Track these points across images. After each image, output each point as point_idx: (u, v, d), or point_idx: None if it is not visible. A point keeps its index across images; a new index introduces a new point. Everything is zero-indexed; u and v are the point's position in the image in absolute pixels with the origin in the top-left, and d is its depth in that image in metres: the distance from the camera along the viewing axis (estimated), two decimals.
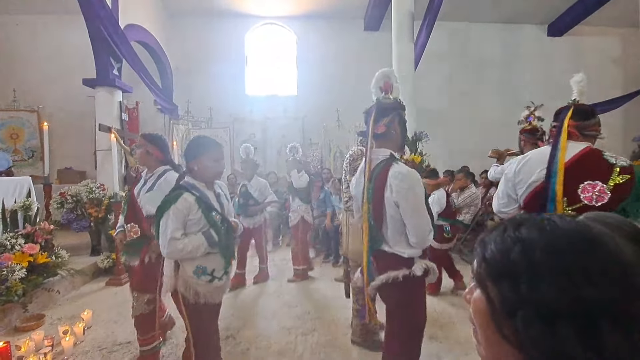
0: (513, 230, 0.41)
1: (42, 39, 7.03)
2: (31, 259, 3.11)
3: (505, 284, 0.38)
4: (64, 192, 4.33)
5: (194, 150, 1.73)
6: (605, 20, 7.52)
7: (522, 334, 0.37)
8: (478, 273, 0.43)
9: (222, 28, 7.56)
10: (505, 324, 0.39)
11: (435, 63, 7.35)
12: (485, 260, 0.42)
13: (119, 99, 5.53)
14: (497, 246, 0.41)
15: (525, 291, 0.37)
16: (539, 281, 0.36)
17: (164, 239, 1.61)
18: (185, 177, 1.74)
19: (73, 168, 6.73)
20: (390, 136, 1.55)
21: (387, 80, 1.59)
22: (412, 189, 1.42)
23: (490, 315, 0.40)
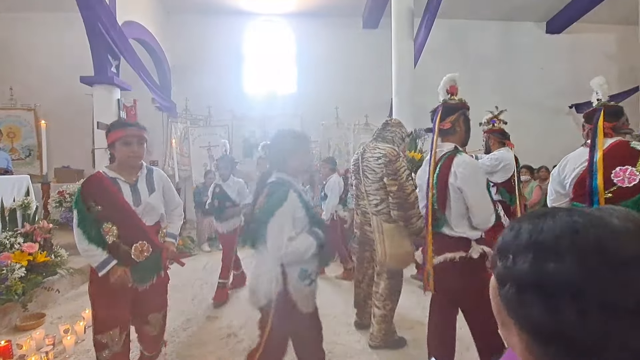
0: (519, 220, 0.47)
1: (39, 37, 6.96)
2: (30, 258, 3.09)
3: (501, 262, 0.45)
4: (62, 190, 4.31)
5: (291, 144, 1.60)
6: (603, 17, 7.54)
7: (506, 303, 0.43)
8: (492, 259, 0.48)
9: (220, 25, 7.51)
10: (502, 295, 0.44)
11: (434, 60, 7.34)
12: (494, 247, 0.48)
13: (117, 96, 5.49)
14: (503, 234, 0.47)
15: (509, 266, 0.43)
16: (519, 257, 0.42)
17: (281, 240, 1.43)
18: (276, 173, 1.59)
19: (71, 167, 6.68)
20: (454, 132, 1.74)
21: (453, 84, 1.81)
22: (475, 175, 1.61)
23: (496, 289, 0.46)
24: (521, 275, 0.41)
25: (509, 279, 0.43)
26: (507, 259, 0.43)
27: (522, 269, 0.41)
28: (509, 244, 0.44)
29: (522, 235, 0.43)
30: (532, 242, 0.42)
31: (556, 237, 0.40)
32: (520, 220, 0.46)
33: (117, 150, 1.73)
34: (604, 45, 8.01)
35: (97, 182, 1.73)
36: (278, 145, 1.64)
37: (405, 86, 5.32)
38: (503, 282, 0.44)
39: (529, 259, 0.41)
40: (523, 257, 0.41)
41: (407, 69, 5.35)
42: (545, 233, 0.41)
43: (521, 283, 0.41)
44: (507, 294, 0.43)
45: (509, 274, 0.43)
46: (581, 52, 7.98)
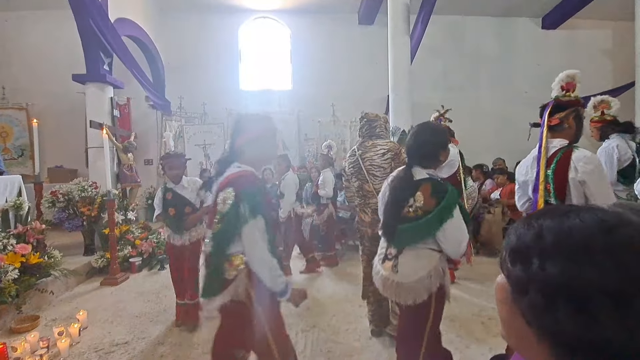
0: (535, 218, 0.43)
1: (30, 35, 6.84)
2: (23, 260, 3.04)
3: (519, 265, 0.41)
4: (55, 190, 4.24)
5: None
6: (598, 13, 7.56)
7: (529, 311, 0.40)
8: (503, 259, 0.45)
9: (214, 22, 7.43)
10: (520, 302, 0.41)
11: (430, 57, 7.33)
12: (507, 246, 0.44)
13: (110, 95, 5.42)
14: (517, 232, 0.44)
15: (533, 270, 0.39)
16: (546, 260, 0.38)
17: (464, 238, 1.46)
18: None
19: (64, 166, 6.59)
20: (562, 129, 1.74)
21: (571, 81, 1.75)
22: (597, 168, 1.62)
23: (509, 295, 0.43)
24: (551, 281, 0.37)
25: (533, 285, 0.39)
26: (531, 263, 0.39)
27: (551, 274, 0.37)
28: (530, 246, 0.41)
29: (547, 236, 0.39)
30: (562, 244, 0.38)
31: (588, 237, 0.37)
32: (536, 218, 0.42)
33: (260, 145, 1.50)
34: (599, 40, 8.03)
35: (259, 180, 1.49)
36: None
37: (402, 83, 5.29)
38: (523, 288, 0.40)
39: (559, 263, 0.37)
40: (552, 261, 0.38)
41: (404, 65, 5.32)
42: (575, 234, 0.38)
43: (550, 290, 0.37)
44: (530, 301, 0.39)
45: (534, 280, 0.39)
46: (577, 47, 8.00)
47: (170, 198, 2.70)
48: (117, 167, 5.57)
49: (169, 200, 2.70)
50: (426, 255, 1.51)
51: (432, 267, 1.50)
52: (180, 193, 2.72)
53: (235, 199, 1.32)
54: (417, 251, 1.52)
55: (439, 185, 1.50)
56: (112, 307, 3.14)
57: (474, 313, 2.88)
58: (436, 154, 1.57)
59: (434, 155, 1.57)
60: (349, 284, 3.67)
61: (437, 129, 1.67)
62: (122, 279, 3.84)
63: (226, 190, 1.35)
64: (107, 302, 3.29)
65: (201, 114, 7.12)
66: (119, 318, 2.92)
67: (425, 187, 1.50)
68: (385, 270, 1.57)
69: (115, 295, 3.47)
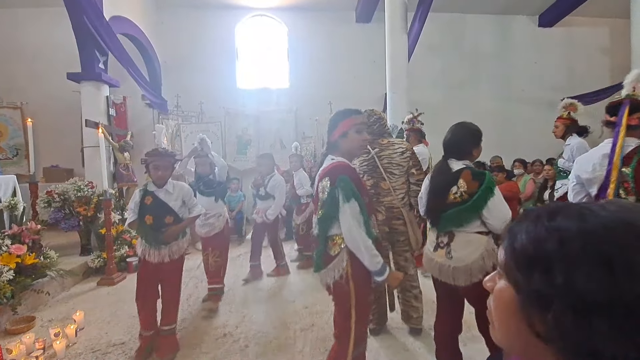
0: (547, 219, 0.38)
1: (24, 33, 6.76)
2: (19, 260, 3.01)
3: (537, 275, 0.36)
4: (51, 190, 4.20)
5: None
6: (595, 11, 7.58)
7: (553, 326, 0.35)
8: (506, 263, 0.41)
9: (211, 20, 7.38)
10: (535, 316, 0.37)
11: (428, 55, 7.32)
12: (515, 251, 0.39)
13: (106, 93, 5.37)
14: (528, 235, 0.39)
15: (560, 283, 0.34)
16: (575, 272, 0.34)
17: (508, 213, 1.64)
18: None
19: (59, 166, 6.54)
20: (637, 128, 1.79)
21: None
22: None
23: (518, 306, 0.39)
24: (584, 295, 0.33)
25: (560, 298, 0.35)
26: (553, 273, 0.35)
27: (585, 287, 0.33)
28: (550, 253, 0.36)
29: (570, 242, 0.35)
30: (592, 251, 0.34)
31: (620, 245, 0.33)
32: (549, 218, 0.38)
33: (351, 138, 1.62)
34: (596, 38, 8.05)
35: (352, 169, 1.62)
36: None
37: (400, 81, 5.28)
38: (546, 301, 0.36)
39: (595, 275, 0.33)
40: (584, 271, 0.33)
41: (401, 63, 5.31)
42: (603, 240, 0.34)
43: (586, 307, 0.33)
44: (556, 319, 0.35)
45: (562, 293, 0.34)
46: (574, 45, 8.02)
47: (150, 203, 2.28)
48: (114, 167, 5.53)
49: (148, 205, 2.28)
50: (476, 240, 1.67)
51: (483, 249, 1.65)
52: (162, 199, 2.30)
53: (330, 187, 1.51)
54: (467, 237, 1.68)
55: (477, 171, 1.70)
56: (109, 308, 3.12)
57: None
58: (470, 149, 1.76)
59: (468, 150, 1.76)
60: None
61: (471, 128, 1.80)
62: (119, 279, 3.82)
63: (324, 180, 1.55)
64: (104, 302, 3.27)
65: (198, 113, 7.08)
66: (116, 318, 2.90)
67: (466, 173, 1.69)
68: (439, 258, 1.73)
69: (112, 295, 3.45)
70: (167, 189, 2.34)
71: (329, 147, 1.69)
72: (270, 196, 3.80)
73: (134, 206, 2.32)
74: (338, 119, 1.67)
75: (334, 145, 1.66)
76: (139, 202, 2.31)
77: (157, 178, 2.32)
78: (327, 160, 1.63)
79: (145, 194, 2.32)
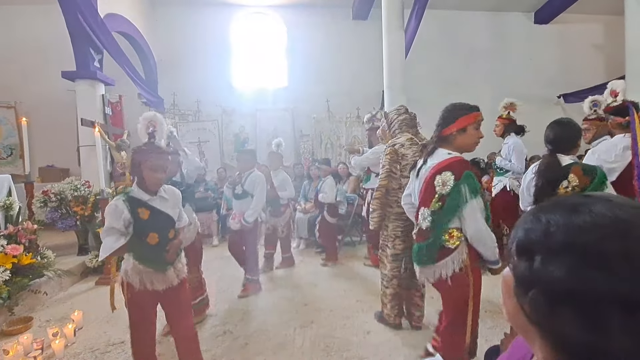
0: (545, 211, 0.41)
1: (17, 30, 6.67)
2: (15, 261, 2.98)
3: (523, 261, 0.39)
4: (47, 190, 4.17)
5: None
6: (590, 8, 7.61)
7: (531, 309, 0.38)
8: (508, 250, 0.44)
9: (207, 17, 7.33)
10: (522, 298, 0.40)
11: (425, 52, 7.32)
12: (514, 239, 0.43)
13: (101, 92, 5.33)
14: (524, 226, 0.42)
15: (537, 269, 0.37)
16: (551, 260, 0.36)
17: None
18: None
19: (55, 165, 6.48)
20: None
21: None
22: None
23: (513, 289, 0.42)
24: (555, 282, 0.35)
25: (536, 283, 0.37)
26: (534, 260, 0.37)
27: (556, 275, 0.35)
28: (536, 242, 0.38)
29: (555, 233, 0.37)
30: (570, 243, 0.35)
31: (600, 239, 0.34)
32: (545, 211, 0.40)
33: (469, 134, 1.68)
34: (591, 35, 8.10)
35: (470, 165, 1.70)
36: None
37: (397, 78, 5.28)
38: (527, 285, 0.38)
39: (566, 265, 0.34)
40: (558, 261, 0.35)
41: (398, 60, 5.31)
42: (585, 233, 0.35)
43: (554, 292, 0.35)
44: (532, 300, 0.37)
45: (537, 279, 0.37)
46: (569, 42, 8.06)
47: (148, 217, 1.73)
48: (110, 166, 5.50)
49: (146, 220, 1.72)
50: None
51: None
52: (160, 209, 1.79)
53: (455, 182, 1.54)
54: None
55: (588, 166, 1.76)
56: (107, 307, 3.08)
57: None
58: (574, 142, 1.84)
59: (573, 144, 1.84)
60: (346, 280, 3.68)
61: (574, 124, 1.87)
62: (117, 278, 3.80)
63: (445, 174, 1.57)
64: (102, 301, 3.25)
65: (195, 111, 7.05)
66: (115, 318, 2.88)
67: (576, 169, 1.72)
68: None
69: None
70: (161, 196, 1.82)
71: (441, 140, 1.71)
72: (248, 194, 3.30)
73: (121, 224, 1.68)
74: (458, 114, 1.68)
75: (446, 139, 1.69)
76: (130, 218, 1.70)
77: (156, 182, 1.77)
78: (442, 154, 1.65)
79: (137, 206, 1.72)
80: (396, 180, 2.47)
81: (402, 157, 2.46)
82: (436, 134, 1.73)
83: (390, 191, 2.48)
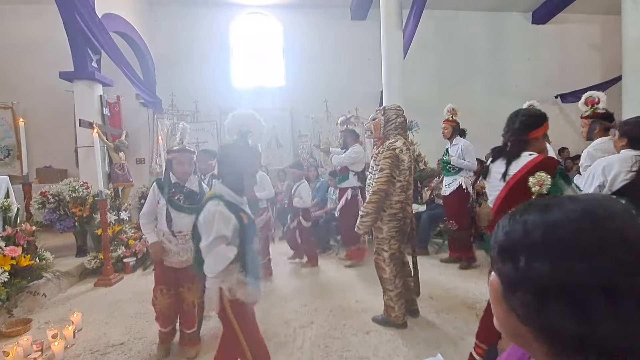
0: (520, 213, 0.43)
1: (14, 30, 6.63)
2: (14, 262, 2.97)
3: (508, 262, 0.41)
4: (45, 191, 4.16)
5: None
6: (587, 8, 7.65)
7: (521, 308, 0.39)
8: (492, 256, 0.45)
9: (205, 18, 7.31)
10: (512, 300, 0.41)
11: (423, 52, 7.33)
12: (495, 243, 0.44)
13: (99, 92, 5.30)
14: (503, 229, 0.43)
15: (522, 269, 0.38)
16: (534, 258, 0.38)
17: None
18: None
19: (53, 166, 6.46)
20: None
21: None
22: None
23: (501, 293, 0.43)
24: (541, 278, 0.37)
25: (523, 283, 0.39)
26: (518, 261, 0.39)
27: (541, 272, 0.37)
28: (517, 242, 0.40)
29: (533, 232, 0.39)
30: (550, 240, 0.37)
31: (576, 232, 0.36)
32: (522, 213, 0.42)
33: (542, 140, 1.84)
34: (587, 35, 8.13)
35: None
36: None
37: (395, 78, 5.30)
38: (514, 286, 0.40)
39: (548, 260, 0.36)
40: (541, 258, 0.37)
41: (397, 60, 5.32)
42: (560, 228, 0.37)
43: (541, 288, 0.37)
44: (522, 300, 0.39)
45: (524, 278, 0.38)
46: (566, 42, 8.09)
47: (247, 223, 1.72)
48: (109, 167, 5.48)
49: (247, 226, 1.69)
50: None
51: None
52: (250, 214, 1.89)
53: (552, 179, 1.61)
54: None
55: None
56: (106, 308, 3.10)
57: (468, 305, 2.92)
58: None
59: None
60: (346, 280, 3.68)
61: None
62: (116, 279, 3.79)
63: (538, 175, 1.61)
64: (101, 303, 3.25)
65: (193, 112, 7.03)
66: (114, 319, 2.89)
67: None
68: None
69: (109, 296, 3.43)
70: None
71: (522, 144, 1.80)
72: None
73: (230, 231, 1.56)
74: (542, 119, 1.82)
75: (528, 142, 1.80)
76: (237, 223, 1.59)
77: (249, 185, 1.78)
78: (525, 156, 1.76)
79: (237, 210, 1.62)
80: (393, 184, 2.52)
81: (401, 162, 2.50)
82: (518, 137, 1.79)
83: (388, 195, 2.51)
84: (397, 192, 2.50)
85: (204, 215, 1.56)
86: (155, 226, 2.27)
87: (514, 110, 1.90)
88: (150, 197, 2.26)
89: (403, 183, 2.52)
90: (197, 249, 1.59)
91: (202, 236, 1.56)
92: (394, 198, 2.51)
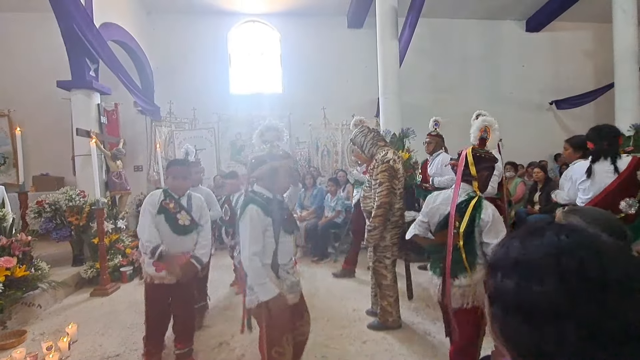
0: (513, 235, 0.47)
1: (12, 39, 6.66)
2: (8, 273, 2.96)
3: (491, 279, 0.45)
4: (41, 200, 4.14)
5: None
6: (579, 16, 7.77)
7: (493, 321, 0.44)
8: (486, 273, 0.50)
9: (203, 26, 7.37)
10: (490, 313, 0.45)
11: (419, 59, 7.41)
12: (487, 262, 0.48)
13: (97, 101, 5.32)
14: (496, 249, 0.48)
15: (497, 284, 0.43)
16: (505, 275, 0.42)
17: None
18: None
19: (50, 174, 6.44)
20: None
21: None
22: None
23: (487, 305, 0.47)
24: (507, 295, 0.41)
25: (497, 297, 0.43)
26: (497, 277, 0.43)
27: (508, 288, 0.41)
28: (499, 261, 0.44)
29: (511, 253, 0.43)
30: (518, 261, 0.41)
31: (540, 258, 0.40)
32: (513, 236, 0.46)
33: None
34: (580, 42, 8.25)
35: None
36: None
37: (392, 85, 5.34)
38: (493, 300, 0.44)
39: (514, 279, 0.40)
40: (509, 276, 0.41)
41: (393, 68, 5.37)
42: (531, 253, 0.41)
43: (506, 303, 0.41)
44: (495, 313, 0.43)
45: (497, 293, 0.43)
46: (560, 49, 8.21)
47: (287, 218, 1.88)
48: (106, 175, 5.47)
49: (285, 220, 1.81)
50: None
51: None
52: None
53: None
54: None
55: None
56: (102, 319, 3.08)
57: None
58: None
59: None
60: (342, 289, 3.67)
61: None
62: (112, 289, 3.77)
63: None
64: (97, 313, 3.22)
65: (191, 119, 7.05)
66: (110, 330, 2.86)
67: None
68: None
69: (106, 306, 3.41)
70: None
71: (617, 147, 2.34)
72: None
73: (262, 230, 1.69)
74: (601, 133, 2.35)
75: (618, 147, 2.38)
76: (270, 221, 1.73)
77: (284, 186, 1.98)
78: (624, 157, 2.28)
79: (269, 204, 1.80)
80: (395, 194, 2.58)
81: (396, 171, 2.54)
82: (614, 144, 2.31)
83: (391, 205, 2.56)
84: (397, 200, 2.60)
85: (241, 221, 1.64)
86: None
87: (594, 126, 2.42)
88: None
89: (401, 190, 2.58)
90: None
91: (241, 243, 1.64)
92: (395, 206, 2.61)
